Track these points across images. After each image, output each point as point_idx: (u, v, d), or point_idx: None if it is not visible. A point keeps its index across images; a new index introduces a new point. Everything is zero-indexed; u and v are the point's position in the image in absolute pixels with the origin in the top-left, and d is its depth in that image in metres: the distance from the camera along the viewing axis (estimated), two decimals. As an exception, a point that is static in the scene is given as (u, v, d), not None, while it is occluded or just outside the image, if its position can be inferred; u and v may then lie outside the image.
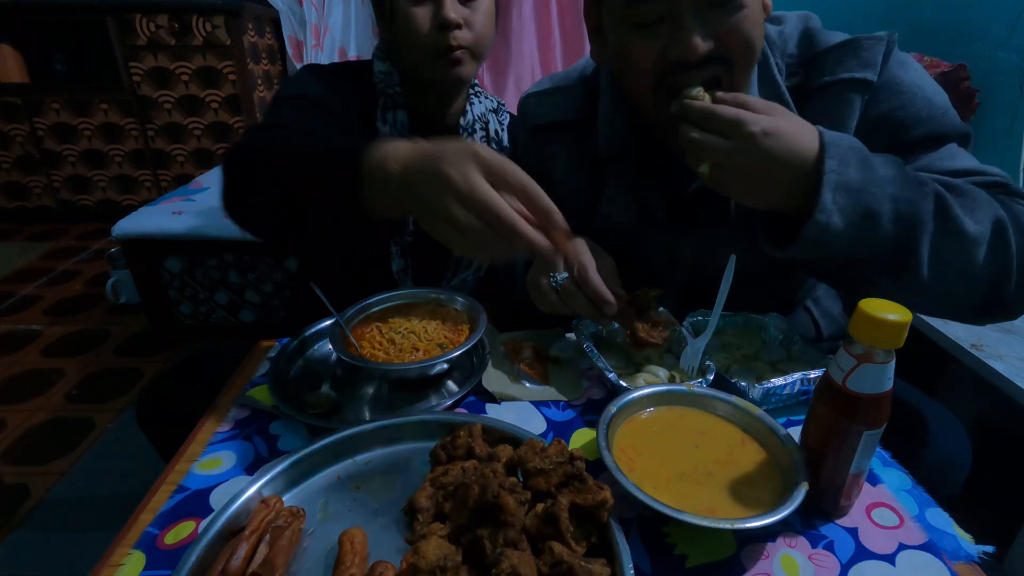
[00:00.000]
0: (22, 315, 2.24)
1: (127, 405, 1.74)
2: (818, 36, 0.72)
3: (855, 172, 0.56)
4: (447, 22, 0.80)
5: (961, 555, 0.48)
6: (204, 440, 0.60)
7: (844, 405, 0.47)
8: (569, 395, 0.68)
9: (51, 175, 2.96)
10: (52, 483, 1.45)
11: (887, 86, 0.68)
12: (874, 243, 0.57)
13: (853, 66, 0.68)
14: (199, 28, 2.60)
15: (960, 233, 0.57)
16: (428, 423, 0.58)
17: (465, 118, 0.95)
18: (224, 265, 1.79)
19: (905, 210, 0.56)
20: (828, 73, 0.69)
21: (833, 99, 0.69)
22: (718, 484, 0.51)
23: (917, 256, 0.57)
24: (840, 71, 0.68)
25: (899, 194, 0.56)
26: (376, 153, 0.53)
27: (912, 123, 0.67)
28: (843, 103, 0.68)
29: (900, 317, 0.43)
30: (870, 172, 0.56)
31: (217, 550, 0.44)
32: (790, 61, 0.72)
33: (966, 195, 0.60)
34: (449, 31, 0.81)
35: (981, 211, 0.59)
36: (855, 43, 0.68)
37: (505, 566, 0.40)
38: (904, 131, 0.67)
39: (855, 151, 0.57)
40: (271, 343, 0.78)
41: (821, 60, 0.70)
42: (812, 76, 0.70)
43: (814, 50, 0.71)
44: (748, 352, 0.72)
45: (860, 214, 0.56)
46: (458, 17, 0.80)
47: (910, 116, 0.67)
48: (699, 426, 0.58)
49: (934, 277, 0.58)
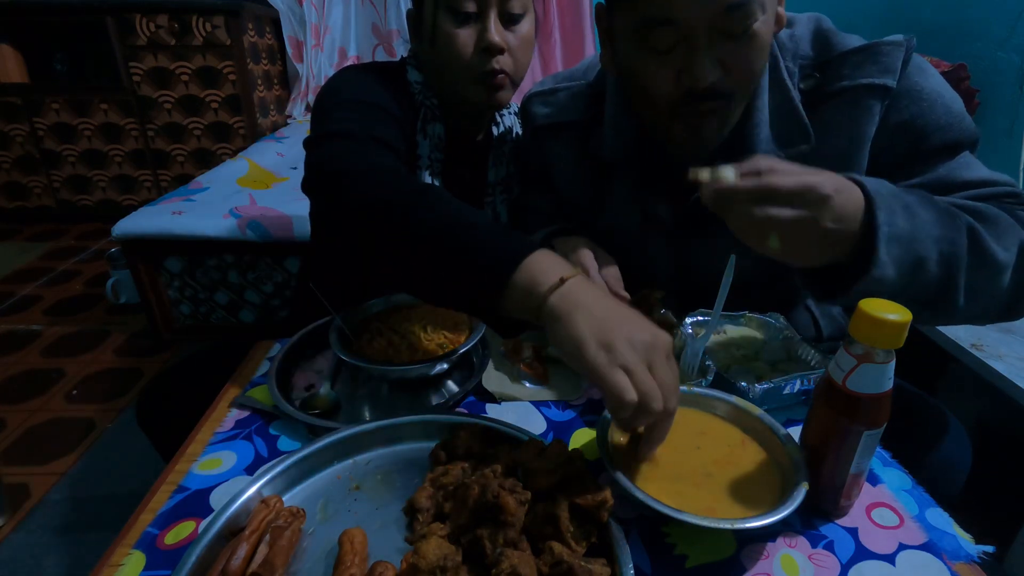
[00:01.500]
0: (22, 315, 2.24)
1: (127, 405, 1.74)
2: (833, 38, 0.71)
3: (902, 221, 0.55)
4: (491, 46, 0.77)
5: (961, 555, 0.48)
6: (204, 440, 0.60)
7: (844, 405, 0.47)
8: (569, 395, 0.68)
9: (51, 175, 2.95)
10: (52, 483, 1.44)
11: (907, 93, 0.68)
12: (921, 286, 0.57)
13: (873, 72, 0.67)
14: (199, 28, 2.60)
15: (992, 262, 0.58)
16: (428, 423, 0.58)
17: (498, 128, 0.94)
18: (224, 265, 1.79)
19: (947, 250, 0.57)
20: (847, 78, 0.68)
21: (851, 104, 0.68)
22: (718, 484, 0.51)
23: (956, 289, 0.58)
24: (859, 76, 0.67)
25: (942, 235, 0.56)
26: (536, 263, 0.50)
27: (932, 131, 0.67)
28: (862, 109, 0.68)
29: (900, 317, 0.43)
30: (914, 218, 0.56)
31: (217, 550, 0.44)
32: (804, 63, 0.71)
33: (992, 222, 0.60)
34: (492, 56, 0.79)
35: (1008, 237, 0.60)
36: (875, 48, 0.67)
37: (505, 566, 0.40)
38: (924, 139, 0.68)
39: (896, 197, 0.56)
40: (271, 343, 0.78)
41: (839, 64, 0.69)
42: (829, 79, 0.69)
43: (831, 52, 0.70)
44: (748, 352, 0.72)
45: (911, 263, 0.55)
46: (502, 41, 0.78)
47: (930, 124, 0.67)
48: (699, 426, 0.58)
49: (967, 304, 0.59)
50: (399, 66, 0.88)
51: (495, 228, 0.54)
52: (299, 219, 1.66)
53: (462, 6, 0.77)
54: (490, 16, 0.77)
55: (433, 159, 0.86)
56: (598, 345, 0.45)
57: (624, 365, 0.44)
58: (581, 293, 0.48)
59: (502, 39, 0.78)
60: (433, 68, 0.85)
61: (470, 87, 0.81)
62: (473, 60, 0.79)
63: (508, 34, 0.80)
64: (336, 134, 0.70)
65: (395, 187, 0.59)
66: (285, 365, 0.71)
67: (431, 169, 0.87)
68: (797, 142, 0.70)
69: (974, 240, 0.58)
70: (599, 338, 0.45)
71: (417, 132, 0.85)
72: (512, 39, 0.80)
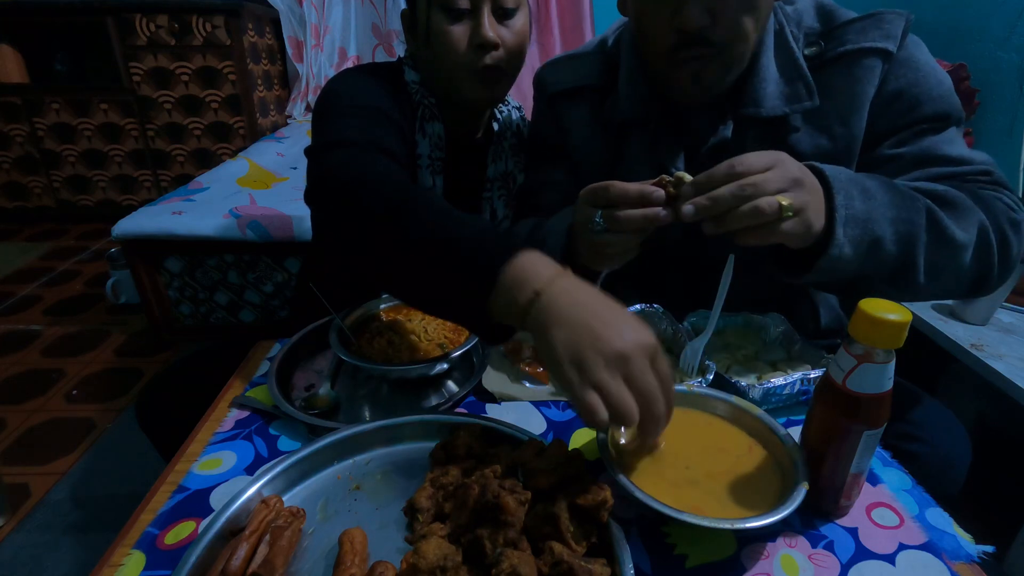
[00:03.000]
0: (22, 315, 2.24)
1: (127, 405, 1.74)
2: (835, 11, 0.75)
3: (859, 203, 0.59)
4: (485, 42, 0.78)
5: (961, 555, 0.48)
6: (204, 440, 0.60)
7: (844, 405, 0.47)
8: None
9: (51, 175, 2.96)
10: (52, 483, 1.44)
11: (905, 62, 0.71)
12: (879, 263, 0.61)
13: (876, 36, 0.71)
14: (199, 28, 2.60)
15: (951, 242, 0.63)
16: (428, 423, 0.58)
17: (497, 123, 0.94)
18: (224, 265, 1.79)
19: (904, 230, 0.61)
20: (850, 42, 0.71)
21: (853, 66, 0.72)
22: (718, 484, 0.51)
23: (915, 267, 0.62)
24: (863, 40, 0.71)
25: (897, 215, 0.61)
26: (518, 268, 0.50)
27: (925, 100, 0.71)
28: (864, 68, 0.71)
29: (900, 317, 0.43)
30: (871, 200, 0.60)
31: (217, 550, 0.44)
32: (809, 31, 0.74)
33: (952, 205, 0.64)
34: (486, 51, 0.79)
35: (966, 219, 0.64)
36: (878, 15, 0.71)
37: (505, 566, 0.40)
38: (918, 107, 0.71)
39: (853, 182, 0.60)
40: (271, 343, 0.78)
41: (842, 31, 0.72)
42: (832, 46, 0.73)
43: (835, 22, 0.74)
44: (748, 352, 0.72)
45: (868, 242, 0.59)
46: (496, 37, 0.78)
47: (924, 93, 0.71)
48: (699, 426, 0.58)
49: (929, 281, 0.64)
50: (396, 66, 0.88)
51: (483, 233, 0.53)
52: (299, 219, 1.66)
53: (455, 2, 0.77)
54: (483, 11, 0.77)
55: (434, 158, 0.86)
56: (570, 363, 0.45)
57: (596, 383, 0.44)
58: (560, 302, 0.47)
59: (496, 34, 0.79)
60: (429, 66, 0.85)
61: (466, 83, 0.81)
62: (468, 56, 0.79)
63: (502, 29, 0.80)
64: (337, 143, 0.69)
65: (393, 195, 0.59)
66: (285, 365, 0.72)
67: (432, 168, 0.86)
68: (803, 99, 0.72)
69: (932, 221, 0.62)
70: (571, 355, 0.45)
71: (416, 131, 0.85)
72: (506, 33, 0.80)
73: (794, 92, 0.73)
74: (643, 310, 0.75)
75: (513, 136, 0.97)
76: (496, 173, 0.95)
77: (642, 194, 0.58)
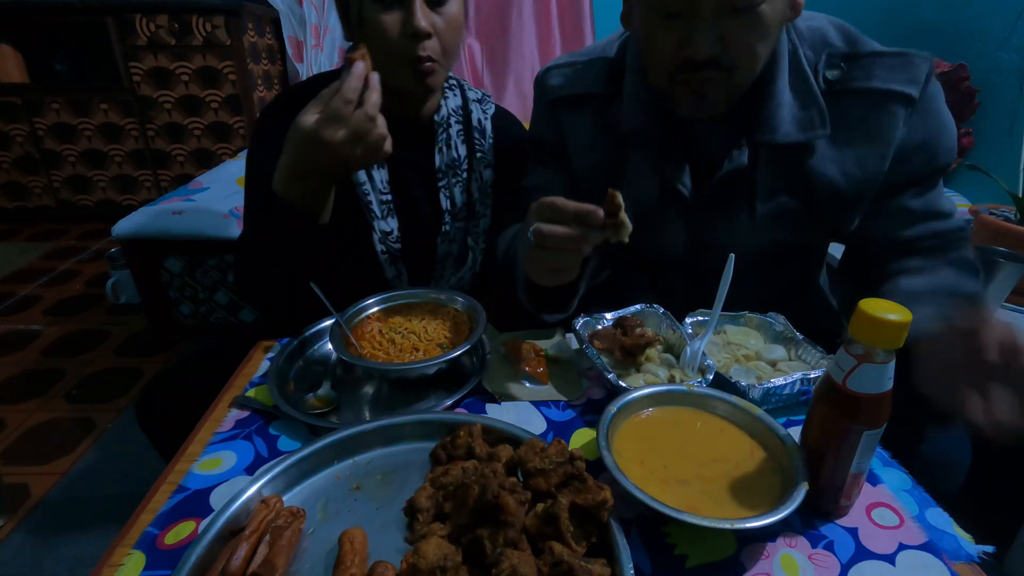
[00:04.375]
0: (22, 315, 2.24)
1: (127, 405, 1.74)
2: (859, 35, 0.73)
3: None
4: (418, 32, 0.76)
5: (961, 555, 0.48)
6: (204, 440, 0.60)
7: (844, 405, 0.47)
8: (569, 395, 0.68)
9: (51, 175, 2.96)
10: (52, 483, 1.45)
11: (928, 110, 0.72)
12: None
13: (902, 79, 0.70)
14: (199, 28, 2.60)
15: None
16: (428, 423, 0.58)
17: (439, 113, 0.92)
18: (224, 265, 1.79)
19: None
20: (877, 78, 0.70)
21: (877, 106, 0.71)
22: (718, 484, 0.51)
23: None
24: (891, 82, 0.70)
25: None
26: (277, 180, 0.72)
27: (941, 152, 0.73)
28: (887, 112, 0.71)
29: (900, 317, 0.43)
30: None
31: (217, 550, 0.44)
32: (832, 52, 0.72)
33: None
34: (419, 41, 0.77)
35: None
36: (907, 56, 0.70)
37: (505, 566, 0.40)
38: (935, 158, 0.74)
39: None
40: (271, 343, 0.78)
41: (869, 62, 0.71)
42: (857, 75, 0.71)
43: (860, 48, 0.72)
44: (748, 352, 0.72)
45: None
46: (428, 26, 0.77)
47: (941, 145, 0.73)
48: (699, 426, 0.58)
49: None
50: (331, 76, 0.88)
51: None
52: (299, 219, 1.66)
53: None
54: (415, 1, 0.76)
55: None
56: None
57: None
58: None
59: (428, 23, 0.77)
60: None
61: (399, 73, 0.80)
62: (400, 46, 0.78)
63: (435, 16, 0.79)
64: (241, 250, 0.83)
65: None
66: (285, 365, 0.72)
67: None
68: (816, 127, 0.72)
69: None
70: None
71: None
72: (439, 22, 0.79)
73: (808, 119, 0.72)
74: (643, 310, 0.75)
75: (458, 123, 0.94)
76: (444, 162, 0.93)
77: (577, 214, 0.58)
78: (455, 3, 0.81)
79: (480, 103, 0.98)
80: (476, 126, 0.96)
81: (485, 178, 0.96)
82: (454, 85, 0.97)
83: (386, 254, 0.92)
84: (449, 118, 0.93)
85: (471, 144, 0.96)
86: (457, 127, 0.94)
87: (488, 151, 0.97)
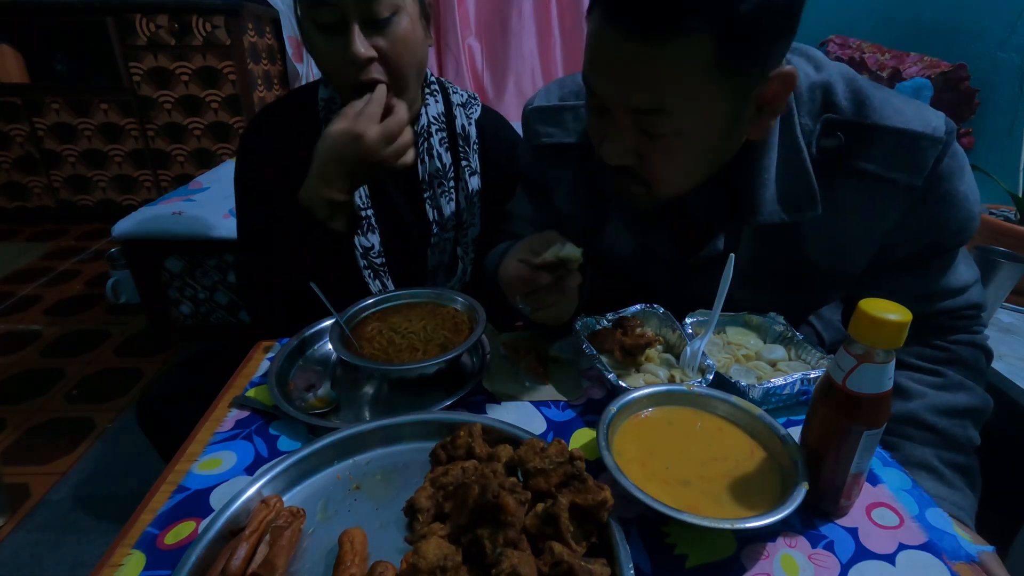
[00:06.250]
0: (22, 315, 2.24)
1: (127, 405, 1.74)
2: (870, 100, 0.64)
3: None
4: (356, 59, 0.74)
5: (961, 555, 0.48)
6: (204, 440, 0.60)
7: (844, 405, 0.47)
8: (569, 395, 0.68)
9: (51, 175, 2.96)
10: (52, 483, 1.45)
11: (935, 195, 0.65)
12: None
13: (904, 166, 0.63)
14: (199, 28, 2.60)
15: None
16: (428, 423, 0.59)
17: (419, 123, 0.90)
18: (224, 265, 1.79)
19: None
20: (876, 161, 0.63)
21: (872, 192, 0.65)
22: (718, 484, 0.51)
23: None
24: (890, 168, 0.63)
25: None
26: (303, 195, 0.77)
27: (949, 234, 0.67)
28: (883, 200, 0.65)
29: (900, 317, 0.43)
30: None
31: (217, 550, 0.44)
32: (832, 119, 0.65)
33: (975, 412, 0.70)
34: (360, 68, 0.76)
35: (977, 417, 0.70)
36: (912, 139, 0.62)
37: (505, 566, 0.40)
38: (941, 241, 0.68)
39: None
40: (271, 343, 0.78)
41: (870, 140, 0.63)
42: (855, 150, 0.64)
43: (865, 116, 0.64)
44: (748, 352, 0.72)
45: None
46: (367, 52, 0.75)
47: (950, 227, 0.67)
48: (699, 426, 0.58)
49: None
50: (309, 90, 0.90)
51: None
52: (299, 219, 1.66)
53: (320, 17, 0.74)
54: (352, 27, 0.74)
55: None
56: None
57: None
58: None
59: (367, 49, 0.75)
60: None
61: (350, 96, 0.78)
62: (343, 73, 0.77)
63: (378, 39, 0.76)
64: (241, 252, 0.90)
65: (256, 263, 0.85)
66: (285, 365, 0.72)
67: None
68: (804, 208, 0.66)
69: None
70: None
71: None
72: (384, 43, 0.76)
73: (795, 198, 0.66)
74: (643, 310, 0.75)
75: (441, 131, 0.92)
76: (428, 172, 0.91)
77: (530, 282, 0.63)
78: (401, 21, 0.77)
79: (464, 107, 0.96)
80: (460, 132, 0.94)
81: (472, 187, 0.95)
82: (436, 90, 0.94)
83: (368, 268, 0.92)
84: (430, 126, 0.91)
85: (455, 152, 0.94)
86: (440, 135, 0.92)
87: (473, 158, 0.95)
